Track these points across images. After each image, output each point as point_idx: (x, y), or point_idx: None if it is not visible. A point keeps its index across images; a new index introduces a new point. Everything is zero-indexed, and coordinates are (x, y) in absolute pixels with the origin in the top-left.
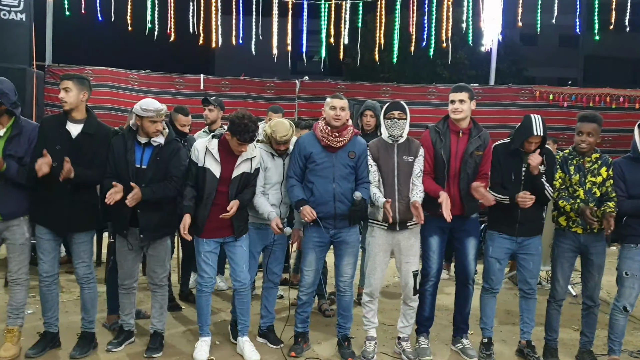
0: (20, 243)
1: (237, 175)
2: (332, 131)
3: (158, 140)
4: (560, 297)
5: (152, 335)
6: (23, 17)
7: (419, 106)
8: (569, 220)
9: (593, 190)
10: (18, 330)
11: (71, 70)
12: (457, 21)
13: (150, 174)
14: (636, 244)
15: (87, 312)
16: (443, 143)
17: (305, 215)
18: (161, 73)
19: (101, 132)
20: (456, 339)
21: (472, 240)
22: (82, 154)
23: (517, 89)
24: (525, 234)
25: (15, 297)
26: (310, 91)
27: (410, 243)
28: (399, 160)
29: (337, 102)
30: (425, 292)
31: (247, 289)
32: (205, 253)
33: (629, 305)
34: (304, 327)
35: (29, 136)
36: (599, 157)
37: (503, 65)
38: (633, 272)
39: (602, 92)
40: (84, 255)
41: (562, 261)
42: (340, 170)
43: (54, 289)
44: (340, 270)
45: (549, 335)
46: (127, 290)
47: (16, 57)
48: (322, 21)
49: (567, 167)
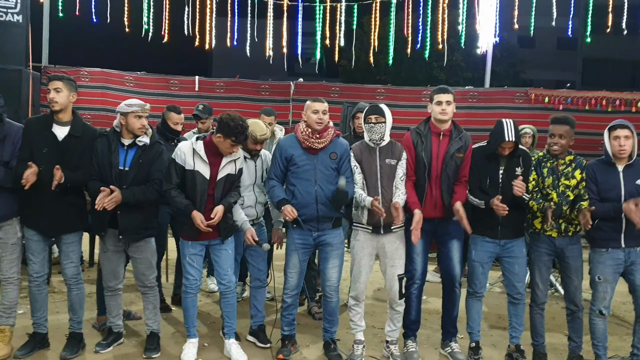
0: (12, 242)
1: (221, 177)
2: (313, 133)
3: (143, 140)
4: (542, 300)
5: (149, 336)
6: (19, 18)
7: (414, 108)
8: (544, 223)
9: (566, 193)
10: (10, 329)
11: (67, 72)
12: (453, 23)
13: (132, 176)
14: (607, 248)
15: (75, 312)
16: (424, 145)
17: (286, 214)
18: (156, 74)
19: (87, 133)
20: (445, 342)
21: (455, 243)
22: (68, 156)
23: (512, 92)
24: (508, 237)
25: (7, 296)
26: (305, 93)
27: (395, 247)
28: (382, 164)
29: (319, 105)
30: (410, 295)
31: (233, 292)
32: (190, 255)
33: (604, 309)
34: (291, 329)
35: (14, 138)
36: (573, 160)
37: (500, 68)
38: (605, 276)
39: (599, 95)
40: (73, 256)
41: (540, 265)
42: (322, 172)
43: (43, 289)
44: (326, 275)
45: (536, 341)
46: (112, 292)
47: (12, 58)
48: (317, 23)
49: (541, 170)
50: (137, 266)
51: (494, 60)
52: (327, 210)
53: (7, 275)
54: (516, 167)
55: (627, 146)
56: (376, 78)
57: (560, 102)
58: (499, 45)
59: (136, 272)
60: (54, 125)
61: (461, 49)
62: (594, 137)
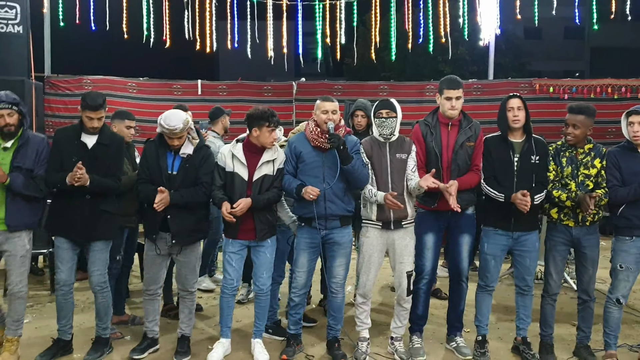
0: (20, 255)
1: (258, 177)
2: (322, 133)
3: (186, 151)
4: (554, 291)
5: (180, 339)
6: (20, 29)
7: (417, 103)
8: (561, 213)
9: (586, 182)
10: (17, 340)
11: (70, 80)
12: (454, 17)
13: (180, 180)
14: (631, 236)
15: (101, 319)
16: (434, 136)
17: (310, 193)
18: (159, 80)
19: (115, 141)
20: (450, 337)
21: (466, 237)
22: (98, 163)
23: (516, 83)
24: (521, 229)
25: (16, 310)
26: (308, 93)
27: (405, 243)
28: (392, 158)
29: (328, 105)
30: (418, 291)
31: (266, 294)
32: (229, 253)
33: (622, 298)
34: (297, 329)
35: (37, 148)
36: (592, 148)
37: (505, 60)
38: (628, 264)
39: (604, 83)
40: (99, 264)
41: (555, 255)
42: (331, 170)
43: (69, 298)
44: (332, 272)
45: (544, 331)
46: (151, 296)
47: (14, 69)
48: (317, 22)
49: (559, 159)
50: (180, 269)
51: (500, 52)
52: (336, 208)
53: (15, 290)
54: (531, 155)
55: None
56: (381, 75)
57: (565, 91)
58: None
59: (179, 275)
60: (83, 135)
61: (466, 43)
62: (600, 125)
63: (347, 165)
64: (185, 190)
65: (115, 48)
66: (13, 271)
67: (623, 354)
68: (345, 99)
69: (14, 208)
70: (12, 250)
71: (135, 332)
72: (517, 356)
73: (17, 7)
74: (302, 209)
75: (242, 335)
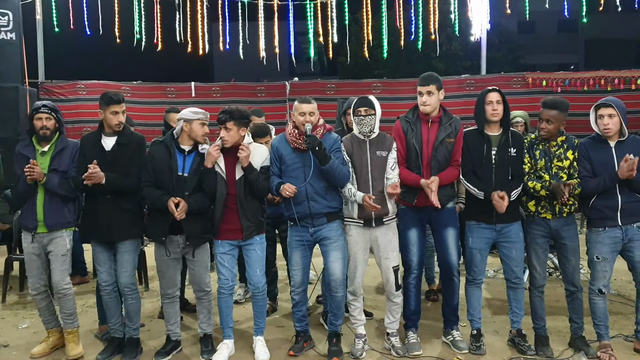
0: (62, 254)
1: (240, 176)
2: (300, 134)
3: (205, 146)
4: (540, 283)
5: (202, 338)
6: (13, 36)
7: (411, 100)
8: (538, 205)
9: (560, 175)
10: (77, 331)
11: (64, 86)
12: (446, 13)
13: (193, 183)
14: (603, 227)
15: (131, 319)
16: (414, 132)
17: (286, 190)
18: (152, 83)
19: (133, 140)
20: (446, 331)
21: (450, 231)
22: (117, 163)
23: (509, 77)
24: (504, 221)
25: (66, 306)
26: (301, 92)
27: (388, 238)
28: (372, 156)
29: (305, 107)
30: (408, 286)
31: (262, 293)
32: (220, 255)
33: (603, 287)
34: (302, 325)
35: (71, 152)
36: (565, 140)
37: (499, 55)
38: (604, 255)
39: (596, 75)
40: (127, 265)
41: (536, 247)
42: (312, 170)
43: (114, 297)
44: (329, 269)
45: (537, 324)
46: (170, 299)
47: (8, 75)
48: (309, 21)
49: (533, 152)
50: (194, 270)
51: (493, 47)
52: (319, 206)
53: (59, 288)
54: (508, 148)
55: (610, 124)
56: (374, 72)
57: (559, 84)
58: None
59: (193, 276)
60: (103, 137)
61: (459, 38)
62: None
63: (324, 165)
64: (197, 195)
65: (109, 52)
66: (55, 269)
67: (618, 344)
68: (339, 98)
69: (51, 209)
70: (54, 250)
71: (143, 335)
72: (513, 349)
73: (10, 14)
74: (288, 210)
75: (239, 334)
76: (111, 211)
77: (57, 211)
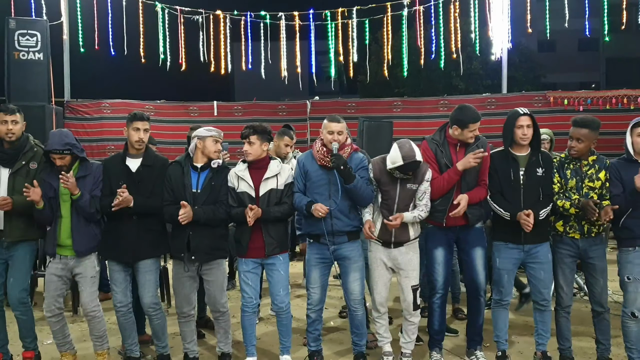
0: (91, 276)
1: (264, 192)
2: (328, 152)
3: (217, 161)
4: (567, 303)
5: (220, 357)
6: (41, 56)
7: (431, 119)
8: (566, 225)
9: (590, 195)
10: (107, 352)
11: (89, 104)
12: (466, 32)
13: (205, 197)
14: (634, 246)
15: (159, 338)
16: (444, 154)
17: (318, 210)
18: (176, 102)
19: (158, 162)
20: (470, 351)
21: (478, 251)
22: (142, 185)
23: (530, 96)
24: (532, 242)
25: (95, 328)
26: (322, 111)
27: (409, 258)
28: (401, 189)
29: (334, 126)
30: (433, 305)
31: (286, 312)
32: (244, 273)
33: (637, 311)
34: (317, 345)
35: (94, 175)
36: (596, 160)
37: (519, 74)
38: (635, 275)
39: (619, 94)
40: (149, 285)
41: (563, 267)
42: (337, 187)
43: (129, 318)
44: (348, 288)
45: (562, 345)
46: (185, 318)
47: (36, 95)
48: (330, 41)
49: (564, 172)
50: (209, 289)
51: (513, 66)
52: (342, 224)
53: (88, 310)
54: (537, 168)
55: None
56: (394, 91)
57: (580, 103)
58: (516, 50)
59: (208, 297)
60: (127, 159)
61: (479, 57)
62: (617, 136)
63: (348, 184)
64: (207, 206)
65: (133, 72)
66: (84, 291)
67: None
68: (359, 116)
69: (79, 235)
70: (83, 272)
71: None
72: None
73: (38, 35)
74: (310, 226)
75: (261, 352)
76: (136, 232)
77: (86, 237)
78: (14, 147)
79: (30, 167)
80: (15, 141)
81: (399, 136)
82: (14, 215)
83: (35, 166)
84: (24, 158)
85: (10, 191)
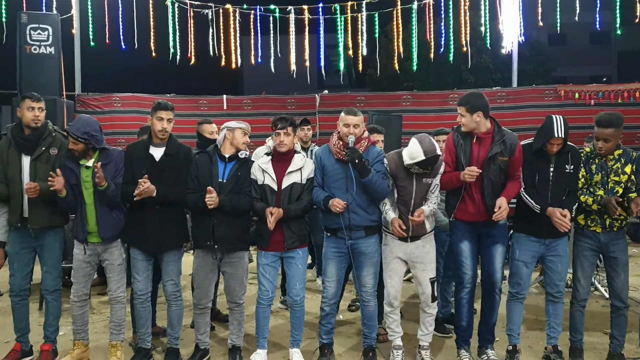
0: (118, 263)
1: (287, 185)
2: (344, 146)
3: (244, 152)
4: (583, 297)
5: (231, 350)
6: (52, 50)
7: (441, 113)
8: (588, 218)
9: (615, 189)
10: (121, 344)
11: (99, 98)
12: (476, 25)
13: (229, 188)
14: None
15: (173, 328)
16: (463, 148)
17: (335, 206)
18: (185, 96)
19: (181, 151)
20: (481, 349)
21: (499, 248)
22: (166, 174)
23: (541, 90)
24: (552, 236)
25: (116, 314)
26: (331, 105)
27: (426, 250)
28: (418, 183)
29: (350, 119)
30: (461, 301)
31: (300, 305)
32: (262, 265)
33: None
34: (329, 338)
35: (116, 162)
36: (622, 154)
37: (530, 67)
38: None
39: (631, 88)
40: (172, 274)
41: (582, 260)
42: (354, 181)
43: (147, 306)
44: (361, 281)
45: (574, 337)
46: (202, 310)
47: (47, 88)
48: (339, 34)
49: (589, 166)
50: (228, 281)
51: (524, 59)
52: (360, 218)
53: (114, 295)
54: (566, 164)
55: None
56: (403, 85)
57: (592, 97)
58: (526, 44)
59: (227, 288)
60: (151, 147)
61: (489, 50)
62: (629, 130)
63: (364, 178)
64: (233, 195)
65: (143, 66)
66: (112, 278)
67: None
68: (369, 110)
69: (104, 221)
70: (110, 259)
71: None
72: None
73: (49, 29)
74: (328, 220)
75: (271, 345)
76: (159, 222)
77: (111, 224)
78: (35, 134)
79: (51, 152)
80: (40, 127)
81: (408, 130)
82: (38, 202)
83: (56, 152)
84: (44, 144)
85: (32, 178)
